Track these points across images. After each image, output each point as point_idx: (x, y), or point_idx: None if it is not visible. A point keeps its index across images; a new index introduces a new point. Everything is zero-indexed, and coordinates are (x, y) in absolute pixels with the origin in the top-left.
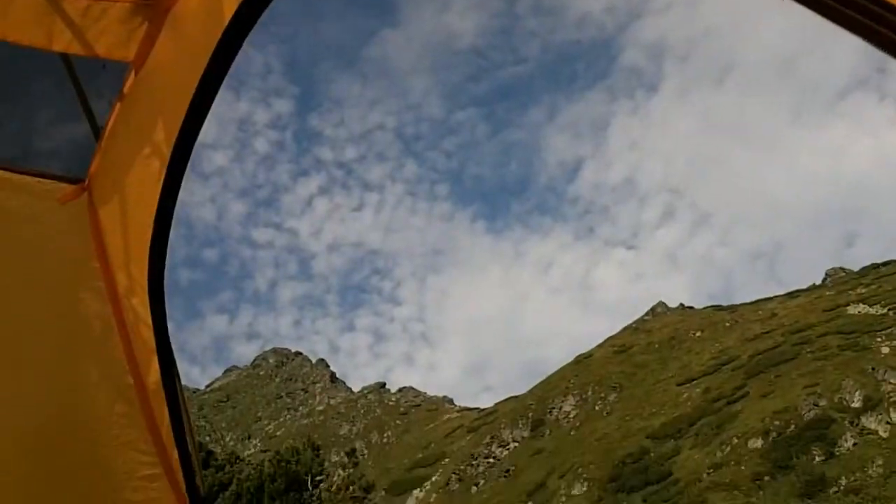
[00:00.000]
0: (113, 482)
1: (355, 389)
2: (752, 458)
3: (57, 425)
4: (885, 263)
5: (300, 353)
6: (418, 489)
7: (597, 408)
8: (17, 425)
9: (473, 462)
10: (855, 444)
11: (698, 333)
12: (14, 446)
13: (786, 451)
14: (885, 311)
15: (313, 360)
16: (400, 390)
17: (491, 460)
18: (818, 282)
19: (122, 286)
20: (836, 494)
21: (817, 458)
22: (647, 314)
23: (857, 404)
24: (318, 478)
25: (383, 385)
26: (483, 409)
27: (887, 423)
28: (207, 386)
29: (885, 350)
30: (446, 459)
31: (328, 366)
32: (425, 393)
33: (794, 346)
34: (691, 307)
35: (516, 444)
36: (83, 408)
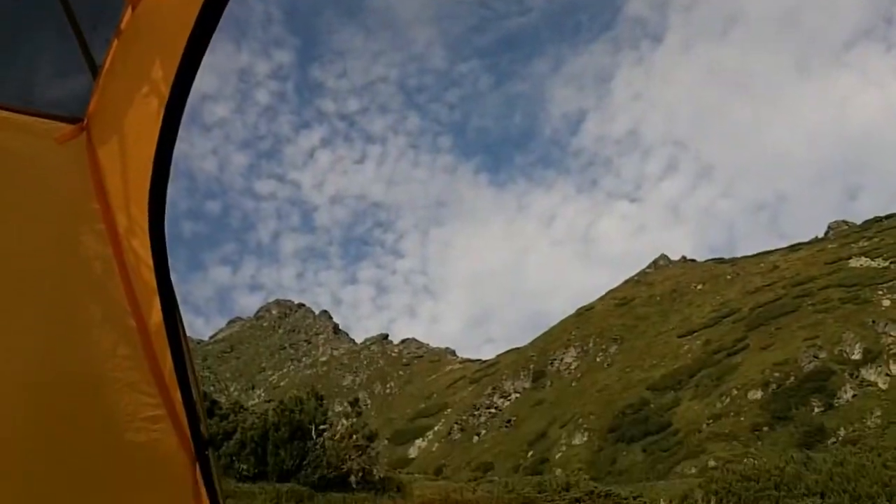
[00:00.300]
0: (115, 424)
1: (358, 341)
2: (751, 409)
3: (58, 367)
4: (887, 217)
5: (303, 305)
6: (421, 438)
7: (598, 359)
8: (17, 368)
9: (475, 412)
10: (854, 396)
11: (700, 286)
12: (15, 388)
13: (785, 403)
14: (886, 264)
15: (316, 312)
16: (402, 342)
17: (492, 411)
18: (820, 235)
19: (122, 227)
20: (835, 445)
21: (816, 410)
22: (648, 267)
23: (856, 356)
24: (322, 427)
25: (386, 337)
26: (485, 361)
27: (886, 375)
28: (211, 337)
29: (886, 303)
30: (448, 410)
31: (331, 317)
32: (428, 345)
33: (795, 299)
34: (693, 260)
35: (518, 395)
36: (85, 349)
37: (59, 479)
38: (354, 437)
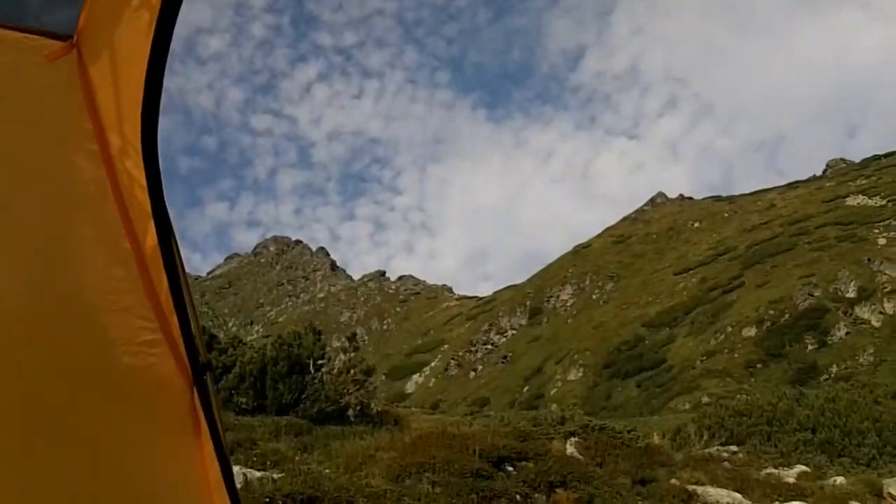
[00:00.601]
0: (111, 347)
1: (355, 277)
2: (745, 346)
3: (52, 289)
4: (886, 155)
5: (300, 242)
6: (417, 374)
7: (594, 296)
8: (9, 290)
9: (472, 348)
10: (847, 334)
11: (696, 224)
12: (7, 311)
13: (779, 340)
14: (884, 202)
15: (313, 249)
16: (400, 278)
17: (489, 347)
18: (819, 173)
19: (114, 148)
20: (827, 381)
21: (810, 347)
22: (646, 204)
23: (851, 294)
24: (320, 362)
25: (383, 273)
26: (482, 298)
27: (880, 313)
28: (209, 273)
29: (882, 241)
30: (445, 346)
31: (328, 254)
32: (425, 281)
33: (792, 237)
34: (690, 198)
35: (514, 332)
36: (79, 271)
37: (55, 402)
38: (352, 371)
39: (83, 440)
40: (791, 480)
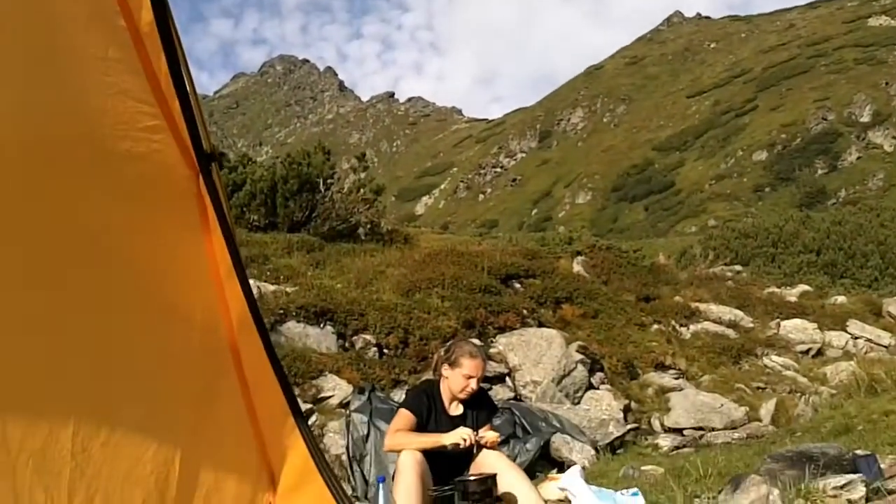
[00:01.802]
0: (111, 132)
1: (364, 99)
2: (755, 170)
3: (46, 69)
4: None
5: (307, 61)
6: (427, 196)
7: (605, 120)
8: (4, 67)
9: (481, 171)
10: (859, 158)
11: (713, 45)
12: (3, 98)
13: (789, 164)
14: None
15: (321, 69)
16: (409, 100)
17: (498, 170)
18: None
19: None
20: (835, 205)
21: (819, 171)
22: (662, 24)
23: (865, 119)
24: (329, 181)
25: (392, 95)
26: (491, 121)
27: (893, 138)
28: (216, 92)
29: None
30: (454, 168)
31: (336, 74)
32: (434, 104)
33: (809, 59)
34: (708, 17)
35: (524, 155)
36: (73, 51)
37: (53, 190)
38: (362, 190)
39: (84, 229)
40: (793, 299)
